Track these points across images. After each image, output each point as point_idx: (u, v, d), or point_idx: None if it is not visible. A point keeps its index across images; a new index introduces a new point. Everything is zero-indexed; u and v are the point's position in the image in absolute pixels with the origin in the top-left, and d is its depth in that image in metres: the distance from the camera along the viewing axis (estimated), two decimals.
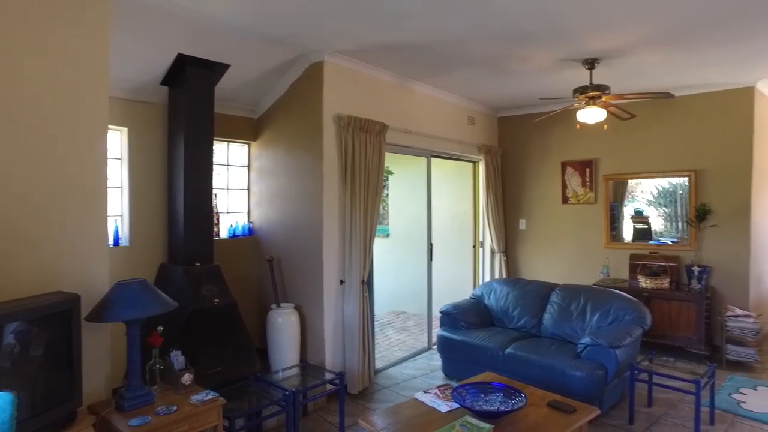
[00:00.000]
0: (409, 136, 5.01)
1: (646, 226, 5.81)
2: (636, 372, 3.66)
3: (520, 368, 3.82)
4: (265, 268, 4.40)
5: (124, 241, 3.83)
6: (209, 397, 2.65)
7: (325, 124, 4.08)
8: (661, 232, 5.72)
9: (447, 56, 4.15)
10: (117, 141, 3.81)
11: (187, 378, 2.75)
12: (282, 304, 4.20)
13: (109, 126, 3.01)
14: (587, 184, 5.96)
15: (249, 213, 4.84)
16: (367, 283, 4.30)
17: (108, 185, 2.66)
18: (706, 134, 5.30)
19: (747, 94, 5.12)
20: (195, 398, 2.63)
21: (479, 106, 6.18)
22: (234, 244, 4.61)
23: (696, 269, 5.12)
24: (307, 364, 4.08)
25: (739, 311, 4.89)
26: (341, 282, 4.21)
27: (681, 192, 5.48)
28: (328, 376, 3.73)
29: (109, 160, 2.69)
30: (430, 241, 5.39)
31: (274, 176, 4.62)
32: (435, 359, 4.99)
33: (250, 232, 4.76)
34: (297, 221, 4.33)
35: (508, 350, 4.00)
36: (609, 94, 4.12)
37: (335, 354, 4.19)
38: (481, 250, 6.39)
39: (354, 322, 4.16)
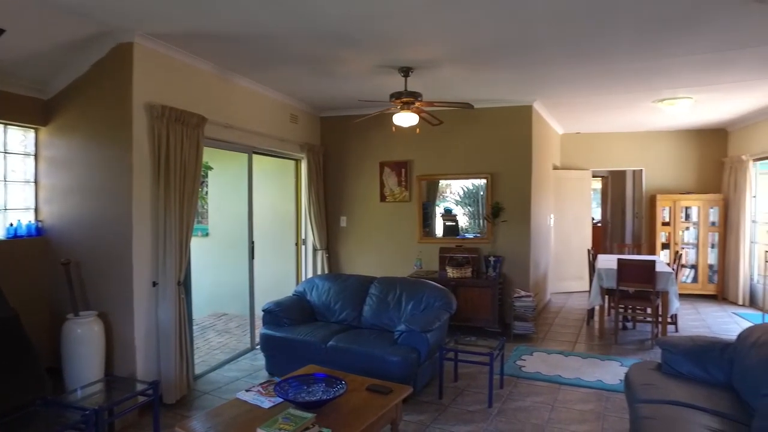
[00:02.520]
0: (230, 131, 4.84)
1: (454, 223, 6.53)
2: (444, 352, 4.11)
3: (343, 359, 3.97)
4: (60, 273, 3.81)
5: None
6: None
7: (135, 113, 3.70)
8: (466, 228, 6.47)
9: (269, 51, 4.11)
10: None
11: None
12: (81, 313, 3.69)
13: None
14: (403, 183, 6.45)
15: (37, 210, 4.14)
16: (184, 284, 4.03)
17: None
18: (498, 142, 6.15)
19: (527, 111, 6.09)
20: None
21: (302, 105, 6.24)
22: (15, 247, 3.89)
23: (492, 259, 5.93)
24: (114, 377, 3.65)
25: (522, 293, 5.78)
26: (154, 284, 3.88)
27: (482, 193, 6.28)
28: (140, 387, 3.40)
29: None
30: (251, 240, 5.27)
31: (70, 168, 4.02)
32: (259, 359, 4.91)
33: (39, 232, 4.07)
34: (100, 219, 3.85)
35: (330, 343, 4.13)
36: (421, 100, 4.52)
37: (148, 363, 3.84)
38: (303, 247, 6.46)
39: (169, 326, 3.86)
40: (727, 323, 6.40)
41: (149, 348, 3.85)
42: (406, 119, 4.59)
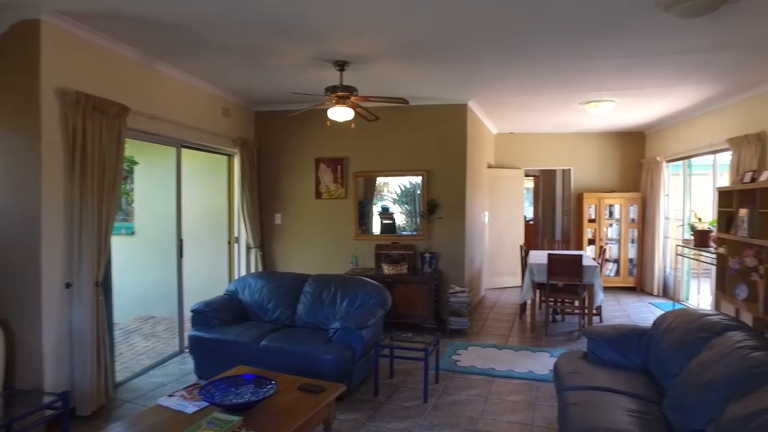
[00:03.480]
0: (156, 123, 4.56)
1: (391, 221, 6.53)
2: (380, 349, 4.07)
3: (276, 359, 3.84)
4: None
5: None
6: None
7: (43, 98, 3.37)
8: (403, 227, 6.49)
9: (198, 39, 3.91)
10: None
11: None
12: None
13: None
14: (339, 180, 6.38)
15: None
16: (104, 285, 3.75)
17: None
18: (434, 140, 6.21)
19: (462, 110, 6.20)
20: None
21: (235, 98, 6.02)
22: None
23: (427, 255, 5.97)
24: (15, 390, 3.31)
25: (458, 288, 5.87)
26: (68, 285, 3.57)
27: (418, 192, 6.32)
28: (47, 399, 3.11)
29: None
30: (180, 238, 5.01)
31: None
32: (188, 363, 4.67)
33: None
34: (2, 213, 3.48)
35: (263, 343, 3.98)
36: (357, 95, 4.47)
37: (59, 372, 3.52)
38: (236, 245, 6.23)
39: (85, 331, 3.58)
40: (644, 312, 6.81)
41: (61, 356, 3.54)
42: (341, 114, 4.52)
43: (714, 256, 5.50)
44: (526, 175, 9.61)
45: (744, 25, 3.53)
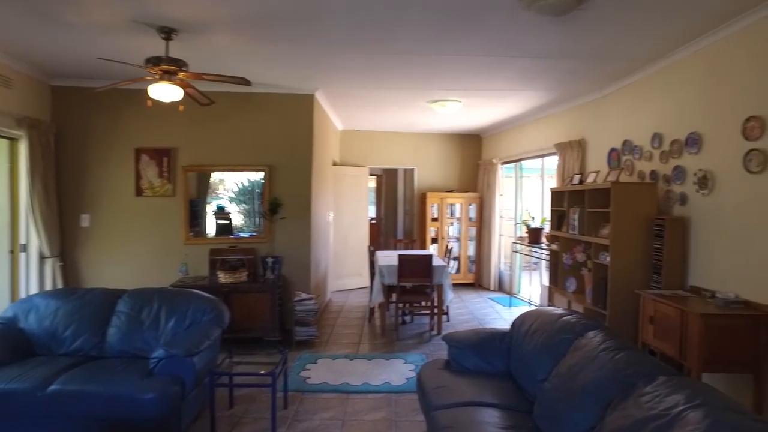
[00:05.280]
0: None
1: (228, 222, 5.75)
2: (216, 377, 3.37)
3: (74, 407, 2.90)
4: None
5: None
6: None
7: None
8: (241, 227, 5.76)
9: None
10: None
11: None
12: None
13: None
14: (165, 174, 5.41)
15: None
16: None
17: None
18: (278, 132, 5.62)
19: (309, 101, 5.71)
20: None
21: (20, 65, 4.67)
22: None
23: (270, 260, 5.35)
24: None
25: (304, 295, 5.37)
26: None
27: (258, 190, 5.65)
28: None
29: None
30: None
31: None
32: None
33: None
34: None
35: (53, 387, 2.96)
36: (186, 71, 3.69)
37: None
38: (23, 255, 4.87)
39: None
40: (485, 308, 7.09)
41: None
42: (166, 92, 3.70)
43: (547, 252, 5.87)
44: (370, 175, 9.50)
45: (587, 33, 3.67)
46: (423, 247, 8.51)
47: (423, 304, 6.00)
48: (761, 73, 3.25)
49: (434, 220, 8.59)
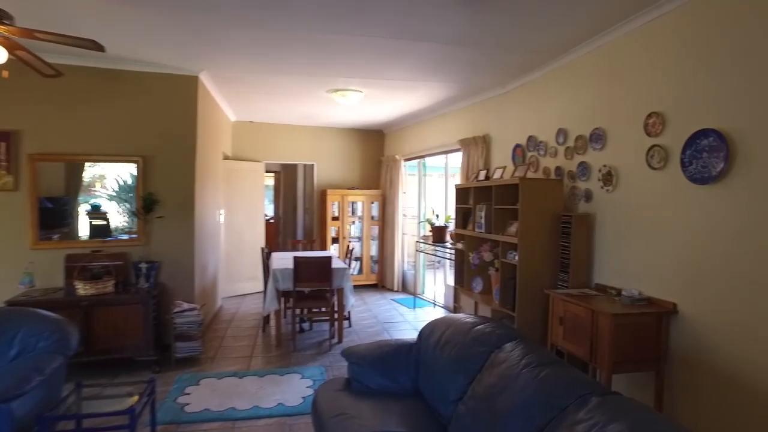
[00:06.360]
0: None
1: (105, 222, 4.85)
2: (49, 423, 2.60)
3: None
4: None
5: None
6: None
7: None
8: (122, 229, 4.89)
9: None
10: None
11: None
12: None
13: None
14: (2, 164, 4.40)
15: None
16: None
17: None
18: (154, 118, 4.84)
19: (192, 83, 4.99)
20: None
21: None
22: None
23: (144, 266, 4.57)
24: None
25: (186, 305, 4.66)
26: None
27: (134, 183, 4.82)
28: None
29: None
30: None
31: None
32: None
33: None
34: None
35: None
36: (12, 25, 2.87)
37: None
38: None
39: None
40: (389, 311, 6.76)
41: None
42: None
43: (452, 251, 5.65)
44: (267, 171, 8.81)
45: (493, 20, 3.43)
46: (323, 247, 8.02)
47: (322, 309, 5.52)
48: (660, 69, 3.20)
49: (335, 218, 8.13)
